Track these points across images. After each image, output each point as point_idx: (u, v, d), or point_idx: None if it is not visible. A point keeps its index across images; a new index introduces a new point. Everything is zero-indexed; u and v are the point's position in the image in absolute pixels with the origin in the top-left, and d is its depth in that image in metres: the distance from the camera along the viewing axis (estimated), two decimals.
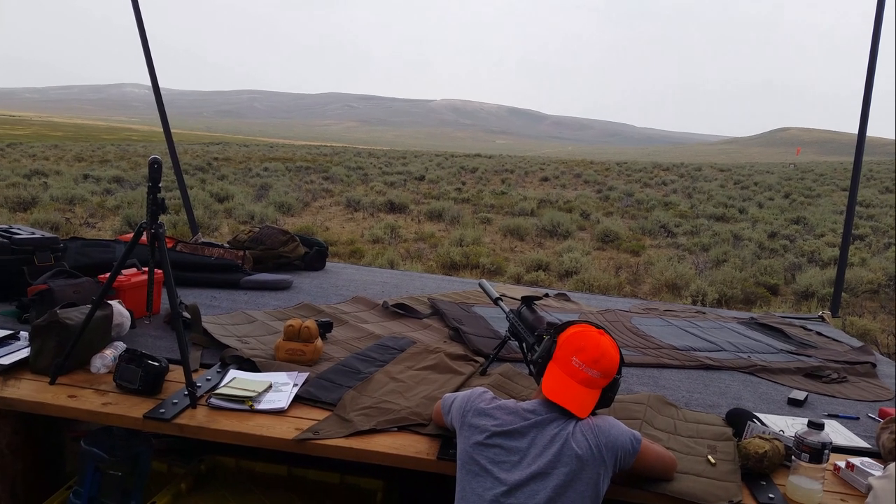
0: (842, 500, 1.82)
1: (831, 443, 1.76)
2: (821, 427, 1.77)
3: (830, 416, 2.42)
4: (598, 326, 1.81)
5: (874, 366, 3.07)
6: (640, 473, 1.77)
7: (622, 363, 1.79)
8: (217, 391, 2.10)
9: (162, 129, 5.15)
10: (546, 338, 1.84)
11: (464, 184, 28.28)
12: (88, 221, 13.60)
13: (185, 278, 3.38)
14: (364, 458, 1.92)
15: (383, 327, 3.06)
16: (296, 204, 17.33)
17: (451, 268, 10.18)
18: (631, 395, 2.43)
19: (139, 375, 2.06)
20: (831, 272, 10.42)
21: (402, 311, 3.32)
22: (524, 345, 2.49)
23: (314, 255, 4.24)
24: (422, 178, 29.46)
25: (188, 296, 3.14)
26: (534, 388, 2.43)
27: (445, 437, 1.98)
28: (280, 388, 2.22)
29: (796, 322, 3.92)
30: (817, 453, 1.74)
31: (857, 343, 3.54)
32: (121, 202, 15.34)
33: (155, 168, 2.00)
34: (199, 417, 2.00)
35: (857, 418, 2.43)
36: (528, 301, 2.38)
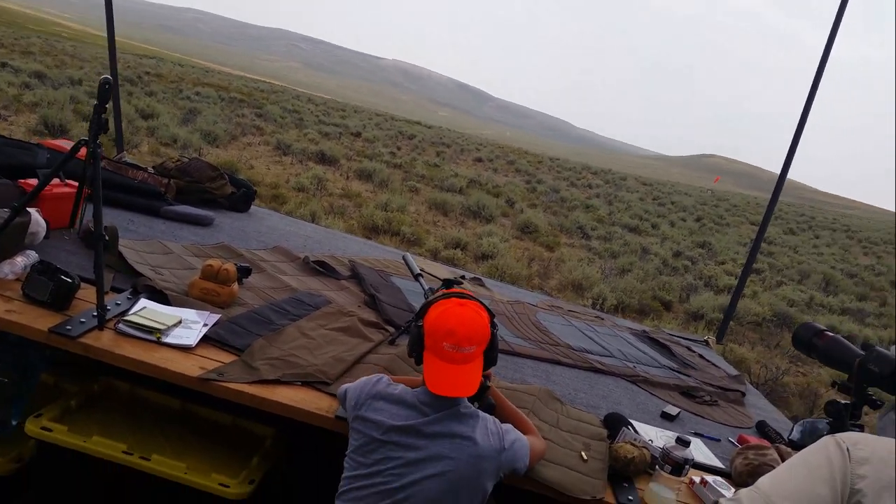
0: None
1: (692, 460, 1.97)
2: (687, 444, 1.97)
3: (696, 434, 2.66)
4: (458, 296, 1.78)
5: (744, 395, 3.37)
6: None
7: (493, 319, 1.78)
8: (126, 318, 2.10)
9: (105, 35, 4.94)
10: (413, 327, 1.81)
11: (399, 148, 28.14)
12: (1, 113, 12.75)
13: (104, 197, 3.29)
14: (264, 406, 1.98)
15: (300, 281, 3.10)
16: (223, 135, 16.81)
17: (372, 230, 10.21)
18: (524, 385, 2.59)
19: (50, 289, 2.04)
20: (723, 299, 11.11)
21: (321, 268, 3.36)
22: None
23: (240, 197, 4.20)
24: (358, 135, 29.09)
25: (105, 216, 3.07)
26: None
27: None
28: (189, 325, 2.24)
29: (683, 342, 4.23)
30: (679, 467, 1.94)
31: (734, 371, 3.86)
32: (40, 100, 14.44)
33: (106, 89, 1.97)
34: (104, 340, 2.00)
35: (719, 440, 2.68)
36: (447, 284, 2.48)
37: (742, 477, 2.24)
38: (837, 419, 1.60)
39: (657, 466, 2.00)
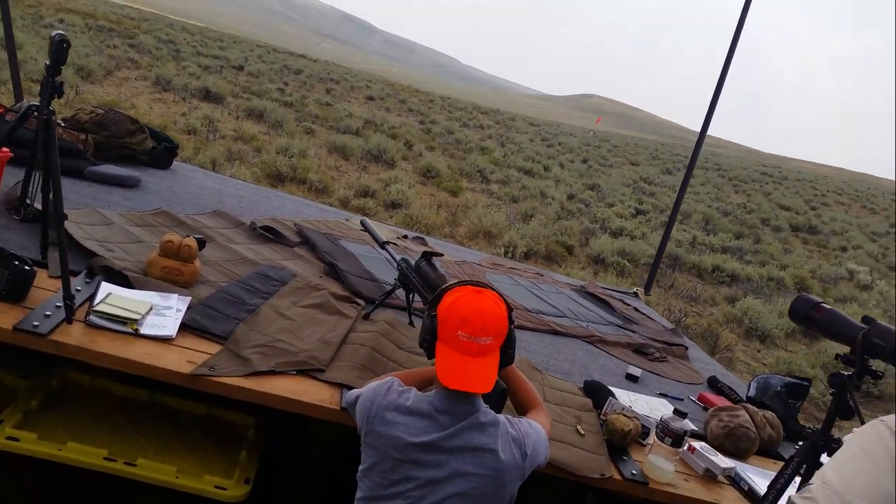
0: (685, 479, 2.13)
1: (690, 431, 2.04)
2: (684, 415, 2.04)
3: (661, 395, 2.78)
4: (473, 284, 1.68)
5: (686, 348, 3.55)
6: None
7: (511, 313, 1.68)
8: (96, 308, 1.88)
9: None
10: (427, 316, 1.67)
11: (286, 84, 26.95)
12: None
13: (17, 156, 2.91)
14: (266, 401, 1.86)
15: (253, 251, 2.91)
16: (98, 70, 15.40)
17: (276, 178, 9.79)
18: None
19: (5, 278, 1.78)
20: (620, 243, 11.64)
21: (270, 234, 3.17)
22: (412, 296, 2.52)
23: (162, 152, 3.85)
24: (241, 69, 27.56)
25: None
26: (415, 341, 2.50)
27: (344, 386, 1.98)
28: (162, 311, 2.04)
29: (615, 295, 4.38)
30: (679, 439, 2.01)
31: (669, 324, 4.05)
32: None
33: (64, 47, 1.69)
34: (77, 335, 1.79)
35: (682, 399, 2.81)
36: (428, 257, 2.40)
37: (719, 440, 2.36)
38: (840, 390, 1.69)
39: (656, 439, 2.06)
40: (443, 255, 2.51)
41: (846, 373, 1.71)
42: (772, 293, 11.43)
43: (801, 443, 1.82)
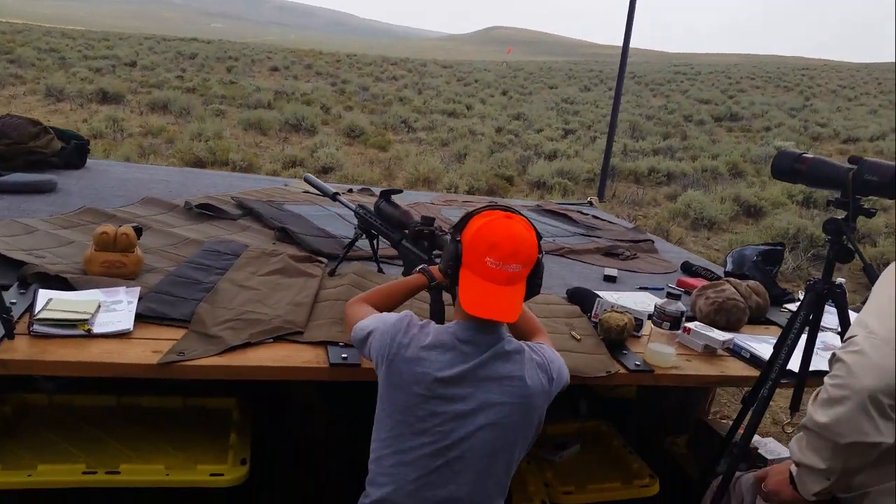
0: (687, 360, 2.10)
1: (687, 311, 2.00)
2: (678, 297, 2.00)
3: (641, 289, 2.75)
4: (502, 209, 1.58)
5: (653, 242, 3.54)
6: None
7: (540, 241, 1.59)
8: (38, 317, 1.69)
9: None
10: (448, 240, 1.58)
11: (184, 71, 25.80)
12: None
13: None
14: (248, 375, 1.72)
15: (195, 231, 2.72)
16: None
17: (196, 165, 9.36)
18: None
19: None
20: (557, 164, 11.67)
21: (209, 212, 2.97)
22: (376, 242, 2.39)
23: (73, 151, 3.55)
24: (133, 65, 26.24)
25: None
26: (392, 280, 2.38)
27: (327, 343, 1.86)
28: (111, 307, 1.86)
29: (571, 208, 4.33)
30: (676, 321, 1.97)
31: (630, 224, 4.04)
32: None
33: None
34: (23, 349, 1.60)
35: (662, 289, 2.78)
36: (387, 195, 2.26)
37: (709, 317, 2.34)
38: (836, 235, 1.66)
39: (654, 326, 2.02)
40: (402, 190, 2.39)
41: (840, 217, 1.67)
42: (709, 183, 11.69)
43: (794, 303, 1.80)
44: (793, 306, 2.75)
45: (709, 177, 12.21)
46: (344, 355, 1.79)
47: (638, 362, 2.00)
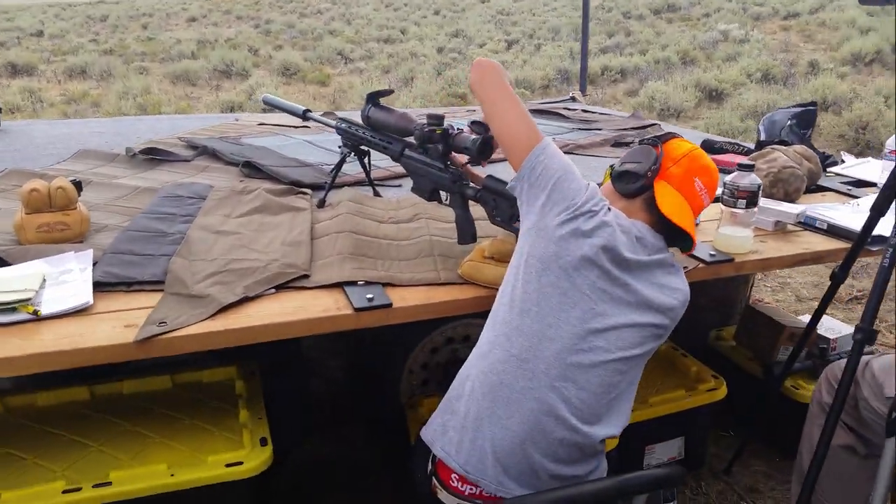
0: (761, 240, 1.79)
1: (761, 183, 1.67)
2: (751, 168, 1.66)
3: None
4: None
5: (660, 125, 3.20)
6: None
7: None
8: None
9: None
10: (646, 146, 1.41)
11: (97, 34, 24.11)
12: None
13: None
14: (256, 337, 1.34)
15: (146, 179, 2.27)
16: None
17: None
18: None
19: None
20: (510, 74, 11.17)
21: (157, 156, 2.51)
22: (366, 160, 2.00)
23: None
24: (40, 34, 24.40)
25: None
26: (394, 209, 2.01)
27: (342, 284, 1.49)
28: (60, 278, 1.45)
29: (558, 105, 3.95)
30: (754, 196, 1.64)
31: (626, 114, 3.68)
32: None
33: None
34: None
35: None
36: (374, 98, 1.84)
37: (766, 190, 2.03)
38: None
39: (725, 206, 1.69)
40: (392, 91, 1.97)
41: None
42: (664, 73, 11.37)
43: (838, 165, 1.49)
44: (838, 168, 2.48)
45: (662, 68, 11.88)
46: (369, 295, 1.43)
47: (712, 252, 1.68)
